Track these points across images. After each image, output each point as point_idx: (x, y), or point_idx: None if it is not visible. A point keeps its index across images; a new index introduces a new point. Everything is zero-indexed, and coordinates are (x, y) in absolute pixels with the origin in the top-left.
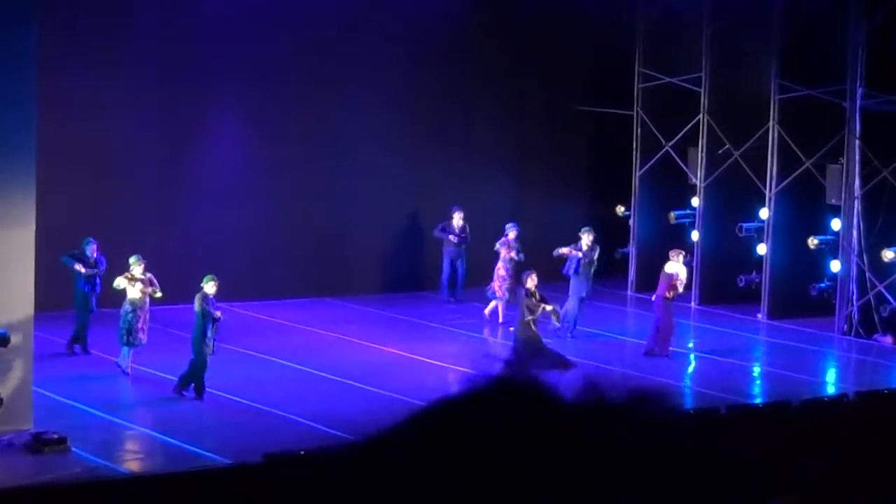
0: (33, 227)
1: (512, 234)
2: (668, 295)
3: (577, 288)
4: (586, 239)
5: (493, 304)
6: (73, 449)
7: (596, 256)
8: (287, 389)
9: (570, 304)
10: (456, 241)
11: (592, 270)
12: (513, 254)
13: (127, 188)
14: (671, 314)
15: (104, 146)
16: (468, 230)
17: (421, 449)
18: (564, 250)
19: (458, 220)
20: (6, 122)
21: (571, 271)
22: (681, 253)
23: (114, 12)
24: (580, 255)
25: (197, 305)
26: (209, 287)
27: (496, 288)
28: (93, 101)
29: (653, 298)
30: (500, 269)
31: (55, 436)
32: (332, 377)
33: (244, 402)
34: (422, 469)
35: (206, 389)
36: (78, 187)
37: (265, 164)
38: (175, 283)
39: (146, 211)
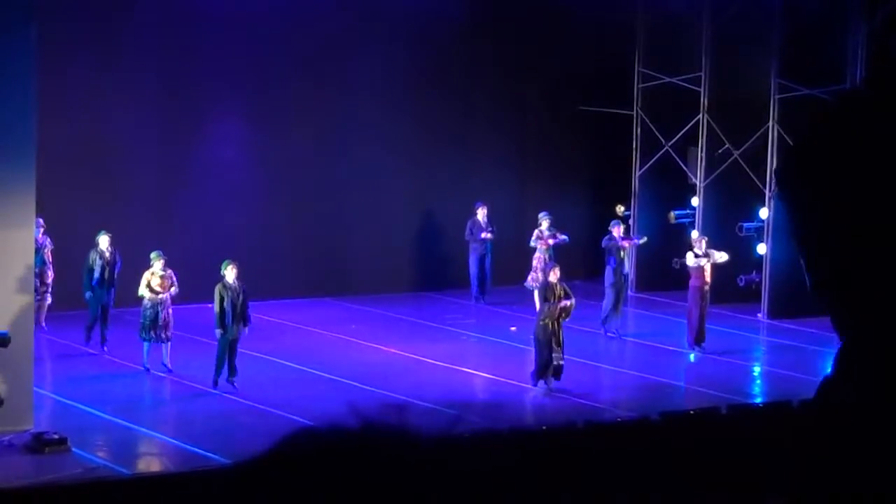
0: (33, 226)
1: (545, 223)
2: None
3: (609, 279)
4: (616, 232)
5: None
6: (74, 449)
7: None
8: (287, 389)
9: (606, 298)
10: (490, 236)
11: (626, 261)
12: (550, 241)
13: (127, 187)
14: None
15: (104, 145)
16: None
17: (280, 477)
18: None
19: (482, 215)
20: (6, 121)
21: (609, 265)
22: (704, 238)
23: (114, 11)
24: (626, 245)
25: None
26: (228, 273)
27: (533, 279)
28: (93, 100)
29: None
30: (536, 261)
31: (56, 436)
32: (332, 377)
33: (245, 402)
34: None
35: (213, 388)
36: (78, 187)
37: (266, 163)
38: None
39: (146, 210)
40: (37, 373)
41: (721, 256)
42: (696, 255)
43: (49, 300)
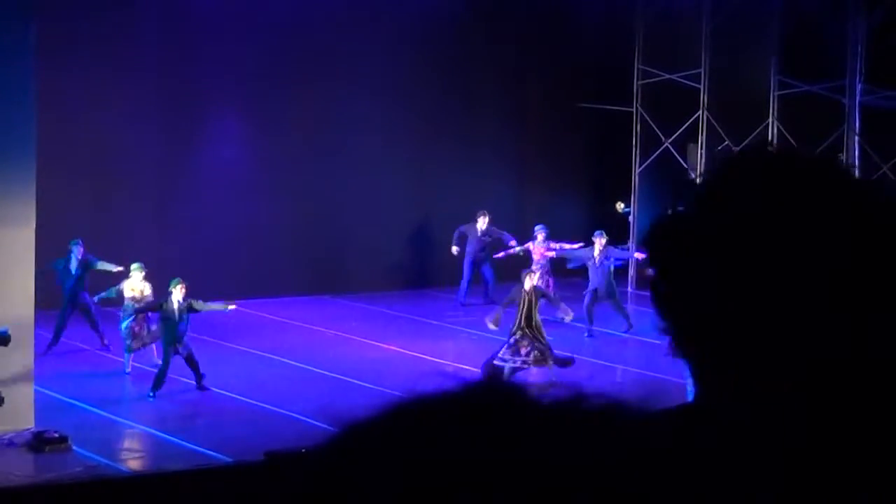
0: (33, 226)
1: (541, 236)
2: None
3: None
4: (599, 243)
5: None
6: (74, 448)
7: (611, 259)
8: (288, 387)
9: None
10: (479, 245)
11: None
12: (551, 253)
13: (126, 186)
14: None
15: (104, 144)
16: (492, 232)
17: (393, 446)
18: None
19: (482, 223)
20: (6, 121)
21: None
22: None
23: (114, 10)
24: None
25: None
26: (175, 292)
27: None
28: (93, 99)
29: None
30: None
31: (56, 434)
32: (332, 374)
33: (245, 399)
34: (392, 468)
35: (206, 387)
36: (78, 186)
37: (265, 161)
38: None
39: (146, 209)
40: (37, 371)
41: None
42: None
43: None
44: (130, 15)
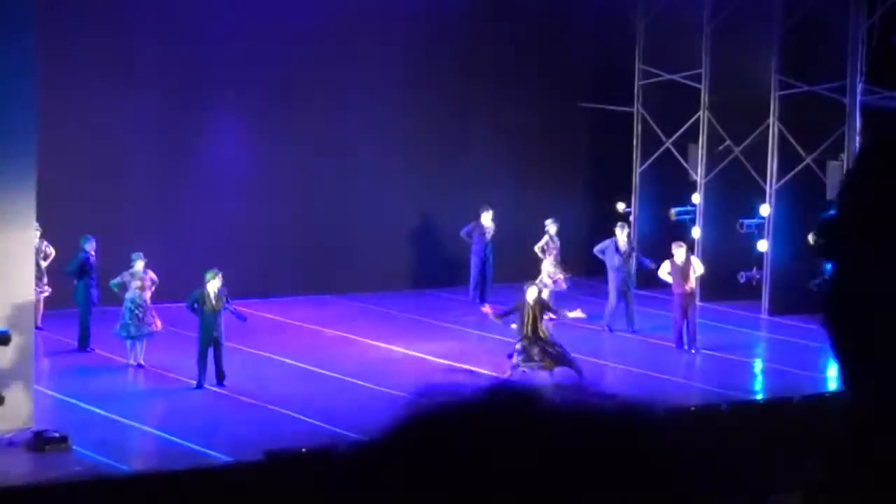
0: (33, 226)
1: (553, 229)
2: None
3: (614, 280)
4: (622, 235)
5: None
6: (75, 447)
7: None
8: (289, 387)
9: (611, 298)
10: (486, 242)
11: (631, 264)
12: (559, 276)
13: (128, 187)
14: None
15: (105, 144)
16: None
17: (414, 453)
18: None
19: (486, 219)
20: (6, 121)
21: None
22: (682, 245)
23: (115, 11)
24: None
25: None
26: (211, 284)
27: (550, 283)
28: (94, 99)
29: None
30: (548, 276)
31: (56, 434)
32: (333, 374)
33: (246, 399)
34: (414, 474)
35: (206, 386)
36: (78, 186)
37: (267, 161)
38: (176, 281)
39: (147, 209)
40: (37, 371)
41: (663, 270)
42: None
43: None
44: (132, 15)
